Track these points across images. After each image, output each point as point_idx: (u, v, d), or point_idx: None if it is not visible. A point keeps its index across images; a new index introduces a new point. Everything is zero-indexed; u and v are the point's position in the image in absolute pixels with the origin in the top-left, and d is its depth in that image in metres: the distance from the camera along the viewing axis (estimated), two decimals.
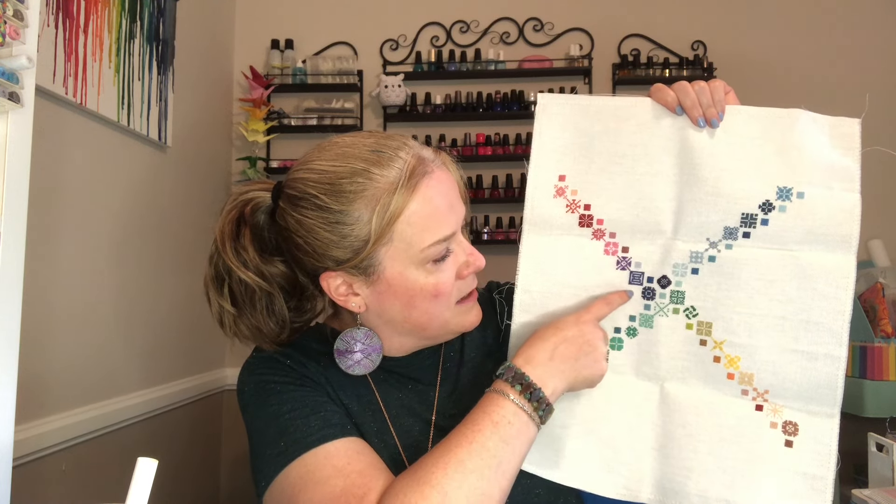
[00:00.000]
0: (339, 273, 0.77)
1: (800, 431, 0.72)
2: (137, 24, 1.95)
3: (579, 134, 0.79)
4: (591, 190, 0.79)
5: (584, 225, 0.79)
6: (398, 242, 0.74)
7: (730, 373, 0.74)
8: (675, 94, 0.75)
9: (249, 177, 2.70)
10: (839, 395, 0.71)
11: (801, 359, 0.72)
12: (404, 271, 0.75)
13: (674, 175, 0.76)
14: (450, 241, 0.76)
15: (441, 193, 0.75)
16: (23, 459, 1.39)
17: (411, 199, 0.73)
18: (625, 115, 0.78)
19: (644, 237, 0.78)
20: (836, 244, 0.71)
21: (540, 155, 0.80)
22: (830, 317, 0.71)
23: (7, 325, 0.82)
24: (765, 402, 0.73)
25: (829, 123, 0.74)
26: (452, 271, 0.77)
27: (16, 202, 0.84)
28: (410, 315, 0.79)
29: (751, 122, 0.75)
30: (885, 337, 1.97)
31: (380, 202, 0.72)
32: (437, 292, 0.76)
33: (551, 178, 0.80)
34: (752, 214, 0.73)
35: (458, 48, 2.80)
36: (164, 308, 2.15)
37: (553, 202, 0.80)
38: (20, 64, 0.83)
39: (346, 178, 0.73)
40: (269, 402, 0.78)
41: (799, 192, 0.72)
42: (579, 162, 0.79)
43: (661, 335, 0.77)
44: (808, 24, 2.74)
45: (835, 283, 0.71)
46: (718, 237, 0.75)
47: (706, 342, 0.75)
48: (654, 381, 0.78)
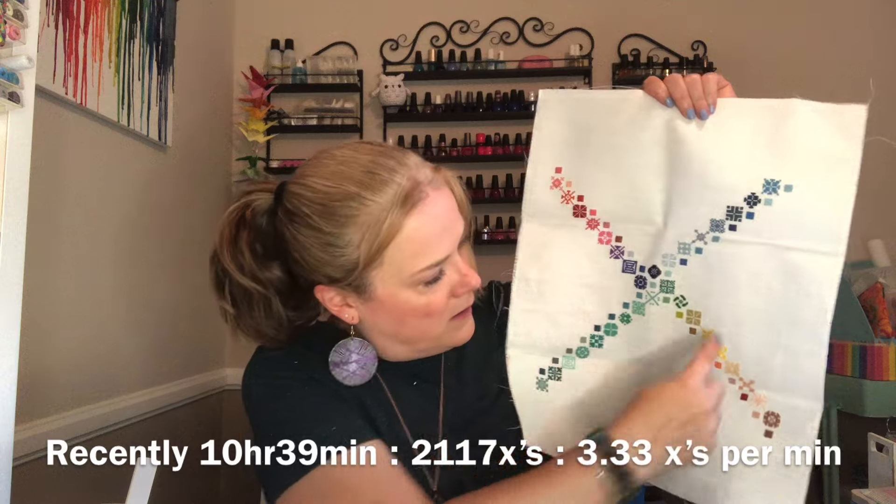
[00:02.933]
0: (333, 287, 0.78)
1: (780, 423, 0.73)
2: (137, 24, 1.95)
3: (575, 127, 0.80)
4: (584, 181, 0.80)
5: (578, 215, 0.80)
6: (388, 266, 0.74)
7: (717, 361, 0.75)
8: (665, 86, 0.76)
9: (249, 177, 2.70)
10: (820, 391, 0.71)
11: (783, 353, 0.72)
12: (395, 293, 0.76)
13: (664, 166, 0.76)
14: (442, 264, 0.76)
15: (434, 218, 0.75)
16: (23, 459, 1.39)
17: (403, 226, 0.73)
18: (617, 107, 0.79)
19: (636, 227, 0.78)
20: (824, 239, 0.71)
21: (539, 148, 0.81)
22: (812, 314, 0.71)
23: (7, 326, 0.82)
24: (750, 392, 0.74)
25: (831, 111, 0.72)
26: (445, 291, 0.77)
27: (16, 202, 0.84)
28: (402, 331, 0.80)
29: (742, 114, 0.74)
30: (885, 337, 1.97)
31: (370, 228, 0.72)
32: (429, 312, 0.77)
33: (548, 170, 0.81)
34: (738, 207, 0.73)
35: (458, 48, 2.80)
36: (164, 308, 2.15)
37: (549, 193, 0.81)
38: (20, 64, 0.83)
39: (338, 202, 0.73)
40: (281, 406, 0.77)
41: (787, 185, 0.71)
42: (574, 154, 0.80)
43: (652, 322, 0.78)
44: (809, 24, 2.74)
45: (818, 281, 0.70)
46: (706, 229, 0.75)
47: (695, 330, 0.76)
48: (646, 366, 0.79)
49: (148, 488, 0.51)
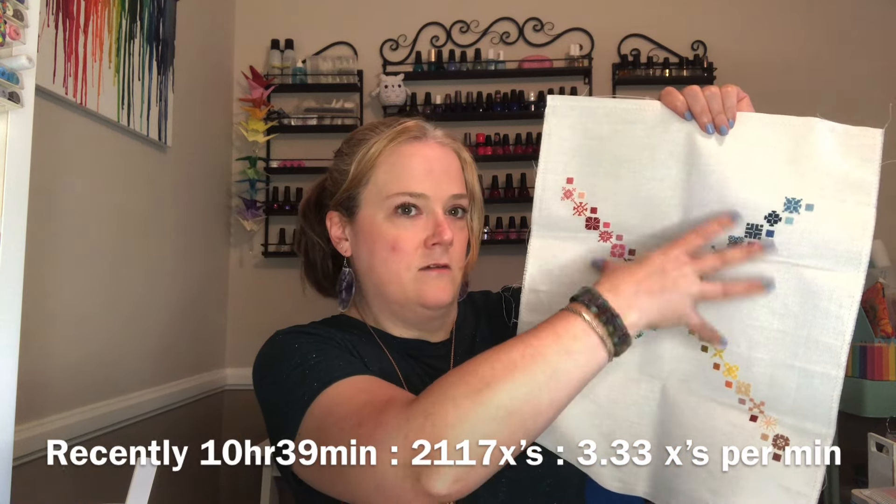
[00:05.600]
0: (336, 213, 0.89)
1: (789, 446, 0.71)
2: (137, 24, 1.95)
3: (588, 136, 0.78)
4: (598, 193, 0.78)
5: (590, 227, 0.79)
6: (373, 186, 0.85)
7: (728, 381, 0.73)
8: (684, 99, 0.74)
9: (249, 177, 2.70)
10: (833, 415, 0.69)
11: (798, 375, 0.70)
12: (374, 215, 0.85)
13: (681, 181, 0.75)
14: (417, 199, 0.83)
15: (424, 158, 0.84)
16: (23, 459, 1.39)
17: (393, 152, 0.85)
18: (633, 118, 0.77)
19: (650, 241, 0.77)
20: (844, 261, 0.69)
21: (549, 157, 0.79)
22: (831, 336, 0.69)
23: (7, 325, 0.82)
24: (760, 414, 0.73)
25: (847, 133, 0.71)
26: (415, 232, 0.83)
27: (16, 202, 0.84)
28: (373, 264, 0.85)
29: (762, 130, 0.73)
30: (885, 337, 1.97)
31: (370, 149, 0.85)
32: (395, 245, 0.83)
33: (560, 181, 0.79)
34: (758, 225, 0.71)
35: (458, 48, 2.80)
36: (163, 308, 2.15)
37: (561, 204, 0.79)
38: (20, 64, 0.82)
39: (360, 132, 0.89)
40: (293, 355, 0.78)
41: (808, 205, 0.70)
42: (587, 165, 0.78)
43: (664, 337, 0.76)
44: (809, 23, 2.74)
45: (838, 302, 0.69)
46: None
47: (707, 348, 0.75)
48: (657, 380, 0.78)
49: (148, 488, 0.51)
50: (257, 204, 2.71)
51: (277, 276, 2.74)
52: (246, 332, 2.68)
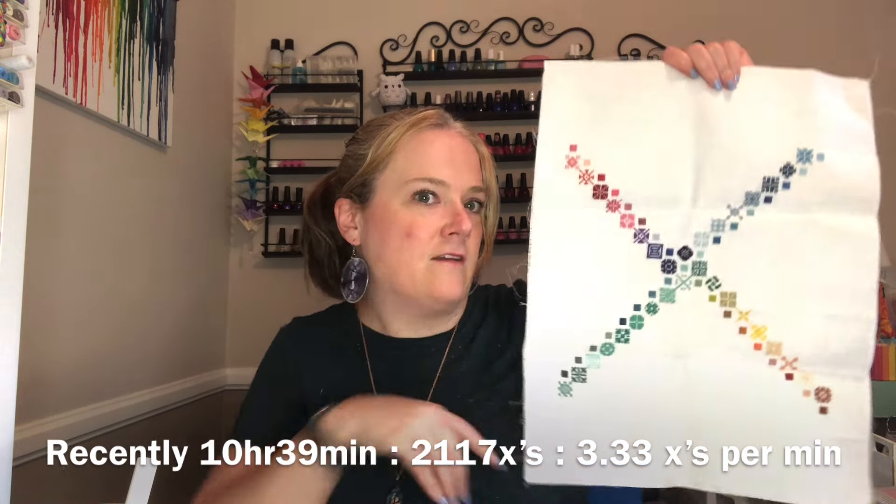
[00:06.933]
0: (347, 200, 0.87)
1: (832, 397, 0.71)
2: (137, 24, 1.95)
3: (591, 100, 0.75)
4: (604, 159, 0.74)
5: (598, 196, 0.74)
6: (391, 172, 0.83)
7: (757, 343, 0.71)
8: (689, 57, 0.73)
9: (249, 177, 2.70)
10: (869, 358, 0.69)
11: (828, 323, 0.70)
12: (389, 201, 0.83)
13: (691, 141, 0.73)
14: (437, 186, 0.82)
15: (444, 146, 0.84)
16: (23, 459, 1.39)
17: (414, 137, 0.83)
18: (636, 78, 0.75)
19: (662, 207, 0.74)
20: (857, 207, 0.69)
21: (549, 125, 0.75)
22: (857, 279, 0.69)
23: (7, 325, 0.82)
24: (794, 371, 0.71)
25: (840, 84, 0.73)
26: (432, 219, 0.81)
27: (16, 202, 0.84)
28: (384, 252, 0.83)
29: (767, 84, 0.73)
30: (886, 337, 1.97)
31: (389, 135, 0.84)
32: (410, 232, 0.81)
33: (562, 149, 0.75)
34: (774, 178, 0.71)
35: (458, 48, 2.80)
36: (163, 308, 2.15)
37: (565, 173, 0.75)
38: (20, 64, 0.82)
39: (378, 119, 0.89)
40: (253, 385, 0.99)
41: (819, 154, 0.70)
42: (591, 130, 0.75)
43: (683, 310, 0.73)
44: (809, 24, 2.74)
45: (859, 246, 0.69)
46: (739, 203, 0.72)
47: (731, 313, 0.72)
48: (678, 359, 0.74)
49: (148, 488, 0.51)
50: (257, 204, 2.71)
51: (277, 277, 2.74)
52: (246, 332, 2.68)
